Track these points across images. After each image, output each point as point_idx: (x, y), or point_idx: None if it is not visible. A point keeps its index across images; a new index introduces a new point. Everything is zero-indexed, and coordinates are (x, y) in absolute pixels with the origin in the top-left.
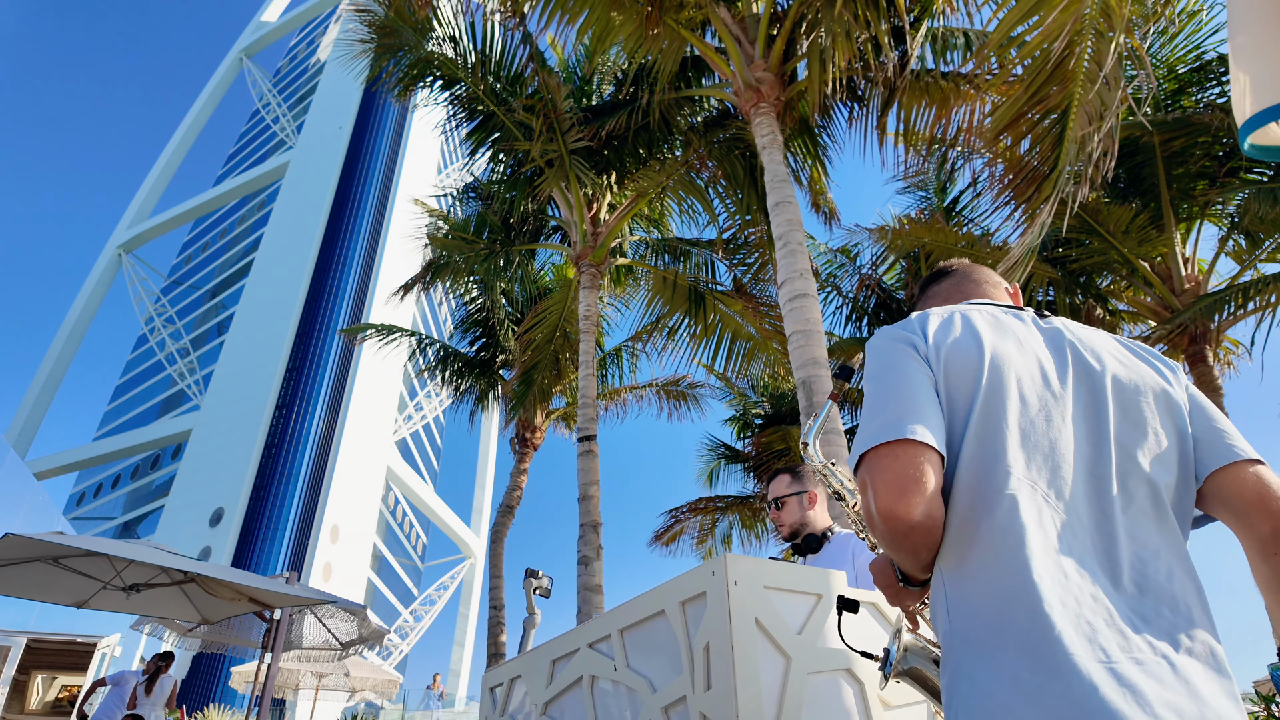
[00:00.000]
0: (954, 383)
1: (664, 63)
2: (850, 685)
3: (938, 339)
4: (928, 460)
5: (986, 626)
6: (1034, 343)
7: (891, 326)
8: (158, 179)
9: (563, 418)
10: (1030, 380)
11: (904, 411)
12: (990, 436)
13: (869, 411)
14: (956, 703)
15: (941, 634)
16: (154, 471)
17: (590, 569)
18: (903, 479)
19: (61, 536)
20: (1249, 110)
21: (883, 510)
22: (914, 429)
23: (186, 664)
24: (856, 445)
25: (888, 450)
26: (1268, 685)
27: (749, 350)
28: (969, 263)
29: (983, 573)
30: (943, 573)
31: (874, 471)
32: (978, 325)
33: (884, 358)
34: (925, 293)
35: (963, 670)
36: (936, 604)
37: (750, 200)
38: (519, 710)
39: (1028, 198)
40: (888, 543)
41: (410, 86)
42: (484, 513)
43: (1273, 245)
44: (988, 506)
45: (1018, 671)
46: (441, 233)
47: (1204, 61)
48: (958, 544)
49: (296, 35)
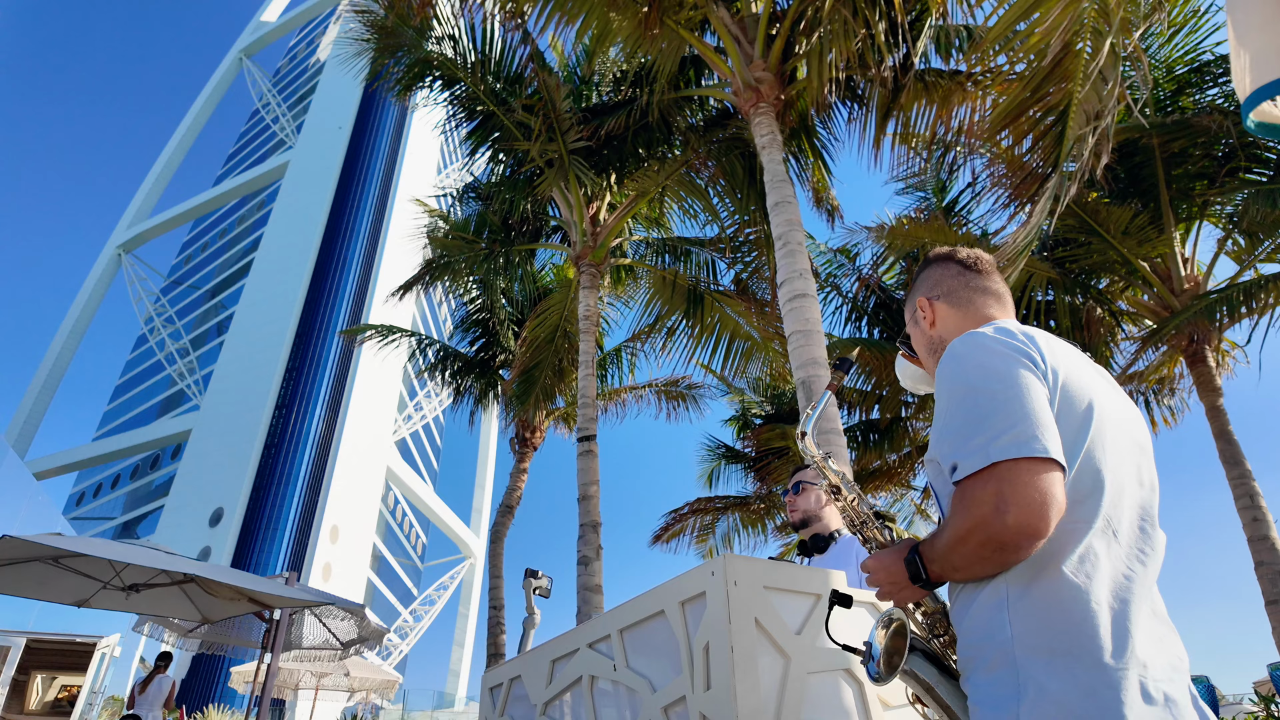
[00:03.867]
0: (1067, 410)
1: (663, 63)
2: (850, 685)
3: (1053, 361)
4: (1061, 482)
5: (1061, 639)
6: (1101, 381)
7: (996, 333)
8: (157, 179)
9: (563, 418)
10: (1113, 422)
11: (1040, 427)
12: (1092, 474)
13: (989, 418)
14: (1023, 708)
15: (990, 642)
16: (154, 471)
17: (590, 569)
18: (1047, 498)
19: (60, 538)
20: (1250, 86)
21: (1018, 524)
22: (1053, 448)
23: (186, 664)
24: (974, 453)
25: (1029, 465)
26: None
27: (748, 350)
28: (996, 268)
29: (1059, 591)
30: (1007, 585)
31: (1014, 485)
32: (1075, 358)
33: (999, 363)
34: (950, 270)
35: (1031, 678)
36: (993, 612)
37: (750, 200)
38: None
39: (1031, 196)
40: (996, 553)
41: (410, 87)
42: (484, 513)
43: (1272, 245)
44: (1072, 535)
45: (1091, 683)
46: (441, 233)
47: (1203, 62)
48: (1034, 562)
49: (296, 35)
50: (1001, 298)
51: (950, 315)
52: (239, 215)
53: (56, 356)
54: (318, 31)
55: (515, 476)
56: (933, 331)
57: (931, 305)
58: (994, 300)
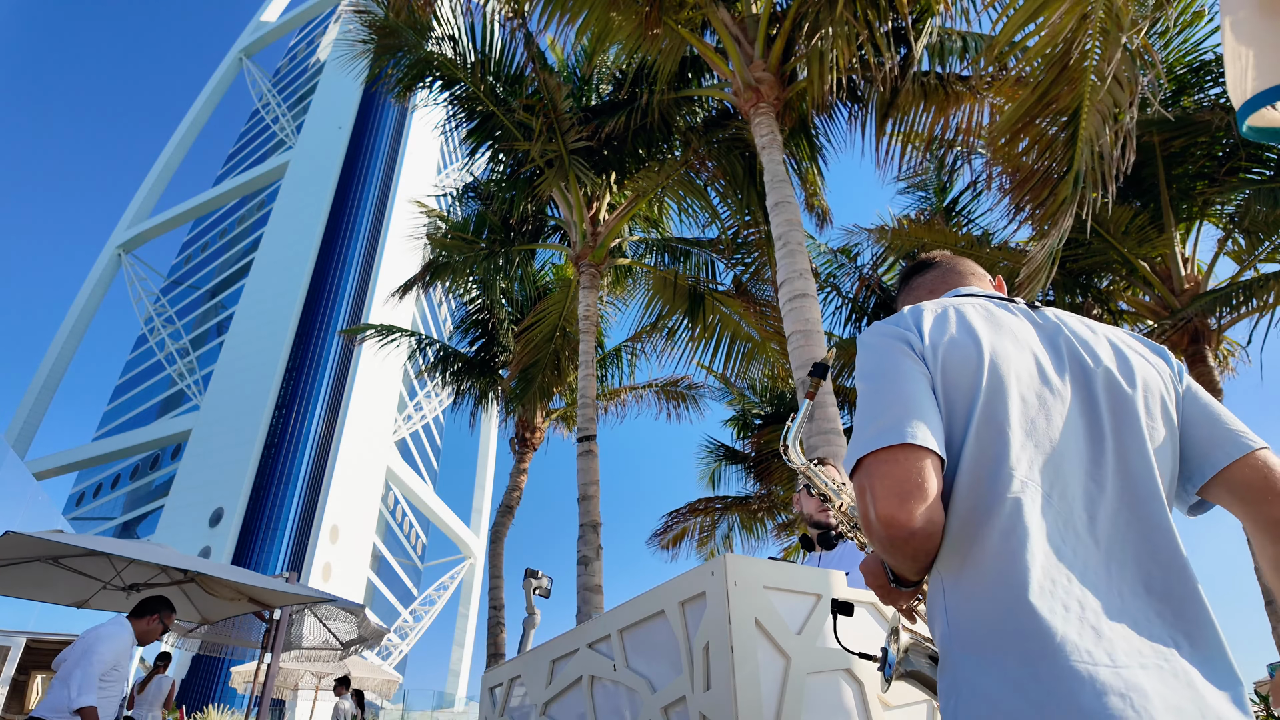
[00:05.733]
0: (952, 382)
1: (663, 63)
2: (850, 685)
3: (934, 336)
4: (929, 465)
5: (988, 632)
6: (1029, 338)
7: (883, 322)
8: (157, 179)
9: (562, 418)
10: (1029, 378)
11: (903, 413)
12: (993, 439)
13: (865, 413)
14: (959, 708)
15: (939, 637)
16: (154, 471)
17: (590, 569)
18: (904, 485)
19: (61, 535)
20: (1249, 91)
21: (883, 517)
22: (914, 432)
23: (186, 664)
24: (853, 449)
25: (887, 455)
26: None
27: (749, 351)
28: (950, 254)
29: (984, 577)
30: (941, 577)
31: (874, 477)
32: (973, 321)
33: (878, 355)
34: (908, 284)
35: (963, 675)
36: (934, 608)
37: (750, 200)
38: (519, 710)
39: (1043, 200)
40: (887, 549)
41: (410, 87)
42: (484, 513)
43: (1272, 245)
44: (989, 510)
45: (1021, 677)
46: (441, 233)
47: (1204, 61)
48: (958, 548)
49: (296, 35)
50: (974, 273)
51: None
52: (239, 215)
53: (56, 356)
54: (318, 31)
55: (515, 476)
56: None
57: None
58: (960, 279)
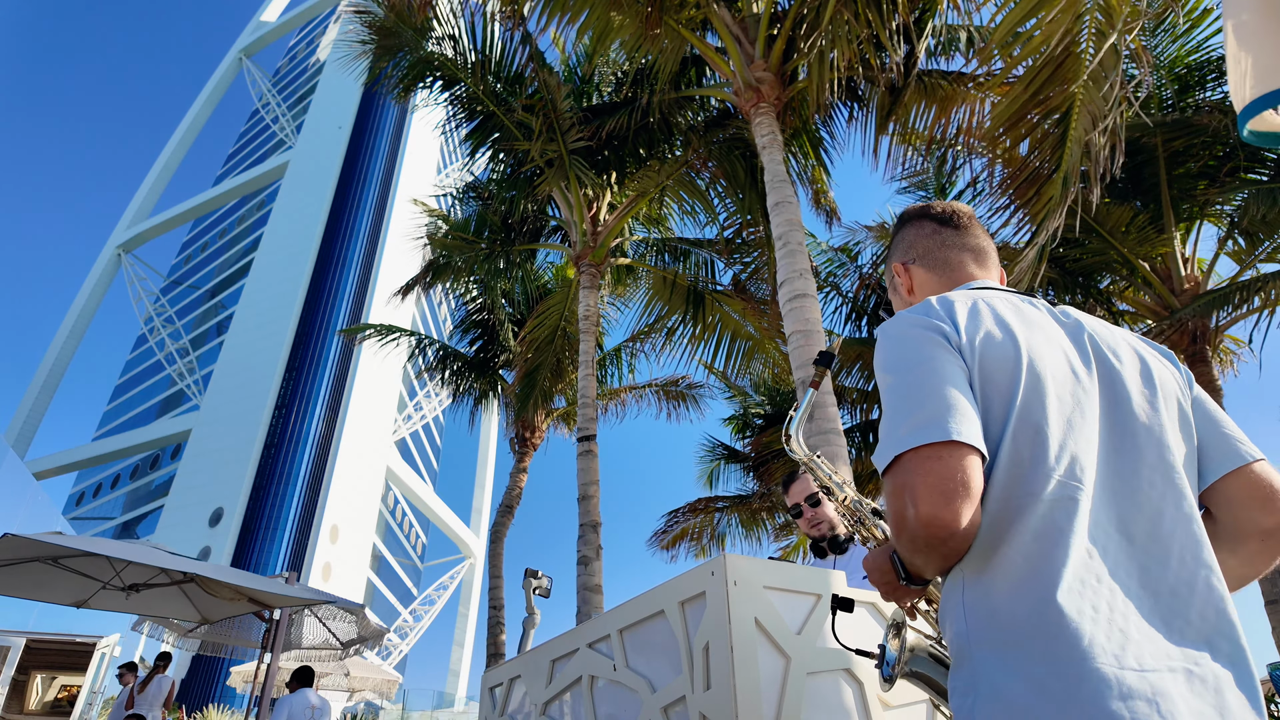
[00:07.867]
0: (990, 379)
1: (664, 63)
2: (850, 685)
3: (970, 330)
4: (974, 463)
5: (1013, 630)
6: (1057, 335)
7: (911, 311)
8: (157, 179)
9: (562, 418)
10: (1063, 377)
11: (944, 408)
12: (1030, 438)
13: (899, 407)
14: (976, 706)
15: (954, 635)
16: (153, 471)
17: (590, 569)
18: (949, 484)
19: (60, 536)
20: (1249, 95)
21: (925, 517)
22: (958, 429)
23: (186, 664)
24: (887, 444)
25: (930, 451)
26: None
27: (749, 350)
28: (972, 216)
29: (1011, 576)
30: (963, 574)
31: (915, 475)
32: (1007, 317)
33: (912, 347)
34: (918, 229)
35: (983, 673)
36: (951, 606)
37: (750, 200)
38: (519, 710)
39: (1028, 200)
40: (921, 549)
41: (410, 87)
42: (484, 513)
43: (1272, 245)
44: (1021, 510)
45: (1044, 677)
46: (441, 233)
47: (1205, 62)
48: (985, 547)
49: (296, 35)
50: (981, 253)
51: (928, 280)
52: (239, 215)
53: (56, 356)
54: (318, 31)
55: (515, 476)
56: (911, 299)
57: (907, 270)
58: (972, 258)
